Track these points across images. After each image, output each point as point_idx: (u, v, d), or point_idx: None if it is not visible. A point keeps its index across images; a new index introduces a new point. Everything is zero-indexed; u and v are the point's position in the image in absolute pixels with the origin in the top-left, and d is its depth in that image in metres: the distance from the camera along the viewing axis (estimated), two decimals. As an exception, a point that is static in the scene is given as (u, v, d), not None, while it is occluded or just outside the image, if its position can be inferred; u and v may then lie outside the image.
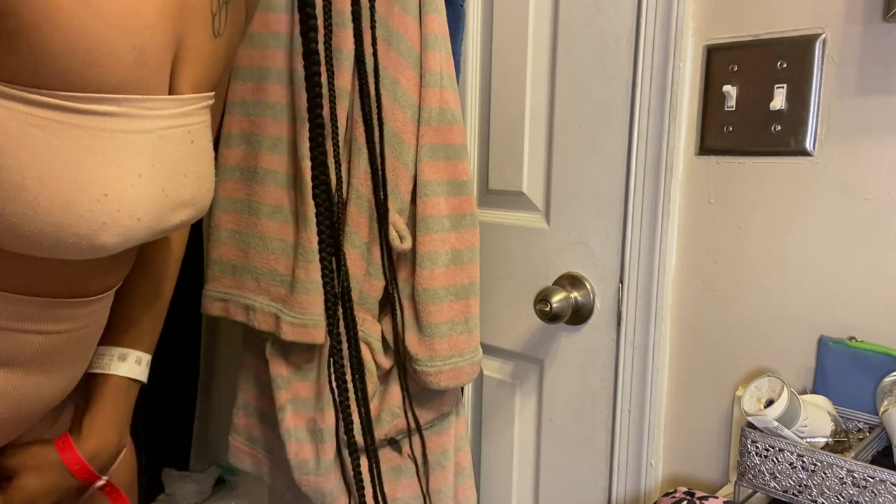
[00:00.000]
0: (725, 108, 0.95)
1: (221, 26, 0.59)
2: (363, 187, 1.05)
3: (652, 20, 0.99)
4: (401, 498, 1.12)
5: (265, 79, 1.06)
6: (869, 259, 0.86)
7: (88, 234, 0.48)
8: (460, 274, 1.04)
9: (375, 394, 1.11)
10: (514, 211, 1.22)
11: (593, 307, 1.11)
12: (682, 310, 1.03)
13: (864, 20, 0.84)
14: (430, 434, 1.12)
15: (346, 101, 1.04)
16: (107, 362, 0.71)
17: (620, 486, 1.10)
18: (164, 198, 0.53)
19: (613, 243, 1.08)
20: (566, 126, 1.12)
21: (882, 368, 0.84)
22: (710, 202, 0.99)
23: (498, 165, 1.22)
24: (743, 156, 0.95)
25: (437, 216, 1.02)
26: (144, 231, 0.52)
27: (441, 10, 1.01)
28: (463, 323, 1.04)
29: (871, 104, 0.84)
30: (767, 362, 0.95)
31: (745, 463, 0.82)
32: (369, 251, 1.06)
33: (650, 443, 1.06)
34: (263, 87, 1.06)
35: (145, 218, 0.51)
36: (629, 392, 1.07)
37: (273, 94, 1.05)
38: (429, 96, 1.01)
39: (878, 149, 0.84)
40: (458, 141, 1.03)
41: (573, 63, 1.10)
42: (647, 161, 1.02)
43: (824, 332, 0.90)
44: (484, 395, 1.31)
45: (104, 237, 0.49)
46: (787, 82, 0.90)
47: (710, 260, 0.99)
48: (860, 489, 0.74)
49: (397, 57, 1.00)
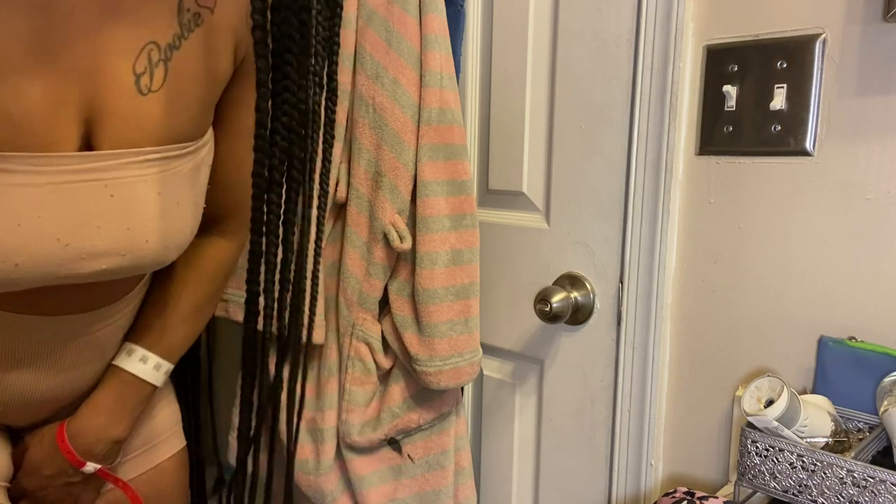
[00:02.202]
0: (725, 108, 0.95)
1: (152, 83, 0.60)
2: (363, 187, 1.05)
3: (652, 20, 0.99)
4: (401, 498, 1.12)
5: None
6: (869, 259, 0.86)
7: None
8: (460, 274, 1.04)
9: (375, 394, 1.11)
10: (514, 211, 1.22)
11: (593, 307, 1.11)
12: (682, 310, 1.03)
13: (864, 20, 0.84)
14: (430, 434, 1.12)
15: (345, 101, 1.04)
16: (118, 355, 0.75)
17: (620, 486, 1.10)
18: (61, 247, 0.57)
19: (613, 243, 1.08)
20: (566, 126, 1.12)
21: (882, 368, 0.84)
22: (710, 202, 0.99)
23: (498, 165, 1.22)
24: (743, 156, 0.95)
25: (437, 216, 1.02)
26: (30, 275, 0.57)
27: (441, 10, 1.01)
28: (463, 323, 1.04)
29: (871, 104, 0.84)
30: (767, 362, 0.95)
31: (745, 463, 0.82)
32: (369, 251, 1.06)
33: (650, 443, 1.06)
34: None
35: (25, 264, 0.56)
36: (629, 392, 1.07)
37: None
38: (429, 96, 1.01)
39: (878, 149, 0.84)
40: (458, 141, 1.03)
41: (573, 63, 1.10)
42: (647, 161, 1.02)
43: (824, 332, 0.90)
44: (484, 395, 1.31)
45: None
46: (787, 82, 0.90)
47: (710, 260, 0.99)
48: (860, 489, 0.74)
49: (397, 57, 1.00)
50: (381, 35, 1.01)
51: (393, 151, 1.01)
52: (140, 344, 0.76)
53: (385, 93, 1.01)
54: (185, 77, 0.63)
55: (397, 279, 1.06)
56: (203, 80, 0.65)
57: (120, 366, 0.75)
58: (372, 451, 1.12)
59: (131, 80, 0.59)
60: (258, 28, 0.48)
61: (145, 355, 0.75)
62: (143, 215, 0.61)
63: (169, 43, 0.61)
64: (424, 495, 1.12)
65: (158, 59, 0.60)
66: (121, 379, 0.75)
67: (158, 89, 0.61)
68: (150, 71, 0.60)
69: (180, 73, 0.62)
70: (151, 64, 0.60)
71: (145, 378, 0.75)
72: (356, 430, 1.08)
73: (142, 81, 0.59)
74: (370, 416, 1.09)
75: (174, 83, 0.62)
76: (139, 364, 0.75)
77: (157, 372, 0.76)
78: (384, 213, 1.03)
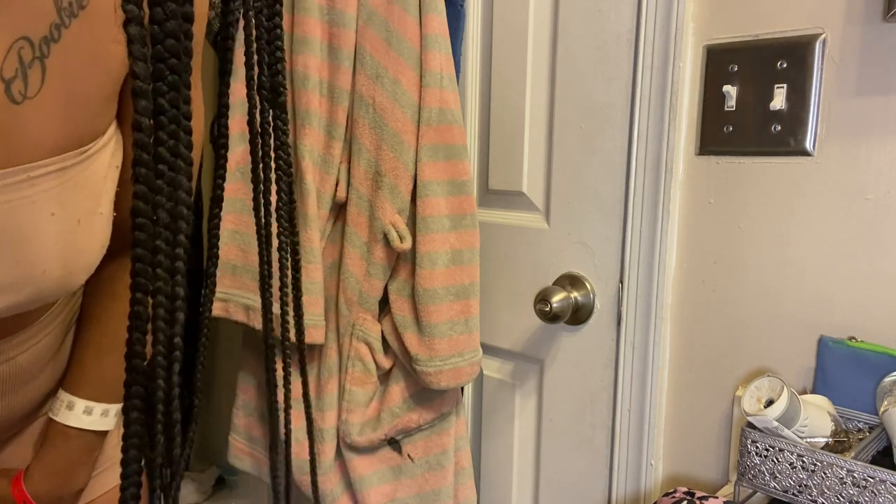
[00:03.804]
0: (725, 108, 0.95)
1: (27, 88, 0.51)
2: (363, 187, 1.05)
3: (652, 20, 0.99)
4: (401, 498, 1.12)
5: (265, 79, 1.06)
6: (869, 259, 0.86)
7: None
8: (460, 274, 1.04)
9: (375, 394, 1.11)
10: (514, 211, 1.22)
11: (593, 307, 1.11)
12: (682, 310, 1.03)
13: (864, 20, 0.84)
14: (430, 434, 1.12)
15: (346, 101, 1.04)
16: (57, 408, 0.69)
17: (620, 486, 1.10)
18: None
19: (613, 243, 1.08)
20: (566, 126, 1.12)
21: (882, 368, 0.84)
22: (710, 202, 0.99)
23: (498, 165, 1.22)
24: (743, 156, 0.95)
25: (437, 216, 1.02)
26: None
27: (441, 10, 1.01)
28: (463, 323, 1.04)
29: (871, 104, 0.84)
30: (767, 362, 0.95)
31: (745, 463, 0.82)
32: (369, 251, 1.06)
33: (650, 443, 1.06)
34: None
35: None
36: (629, 392, 1.07)
37: (273, 94, 1.05)
38: (429, 96, 1.01)
39: (878, 149, 0.84)
40: (457, 141, 1.03)
41: (573, 63, 1.10)
42: (647, 161, 1.02)
43: (824, 332, 0.90)
44: (484, 395, 1.31)
45: None
46: (787, 82, 0.90)
47: (711, 260, 0.99)
48: (860, 489, 0.74)
49: (397, 57, 1.00)
50: (381, 35, 1.01)
51: (393, 151, 1.01)
52: (79, 395, 0.69)
53: (385, 93, 1.01)
54: (71, 72, 0.53)
55: (397, 279, 1.06)
56: (95, 72, 0.55)
57: (63, 422, 0.69)
58: (372, 451, 1.12)
59: (0, 89, 0.49)
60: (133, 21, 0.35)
61: (88, 406, 0.69)
62: (34, 244, 0.52)
63: (45, 36, 0.50)
64: (424, 495, 1.12)
65: (32, 57, 0.50)
66: (67, 435, 0.69)
67: (36, 94, 0.51)
68: (22, 73, 0.50)
69: (64, 68, 0.52)
70: (24, 65, 0.50)
71: (93, 428, 0.70)
72: (356, 430, 1.08)
73: (14, 88, 0.49)
74: (370, 416, 1.09)
75: (57, 82, 0.52)
76: (84, 416, 0.69)
77: (105, 417, 0.70)
78: (384, 213, 1.03)
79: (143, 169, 0.36)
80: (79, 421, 0.69)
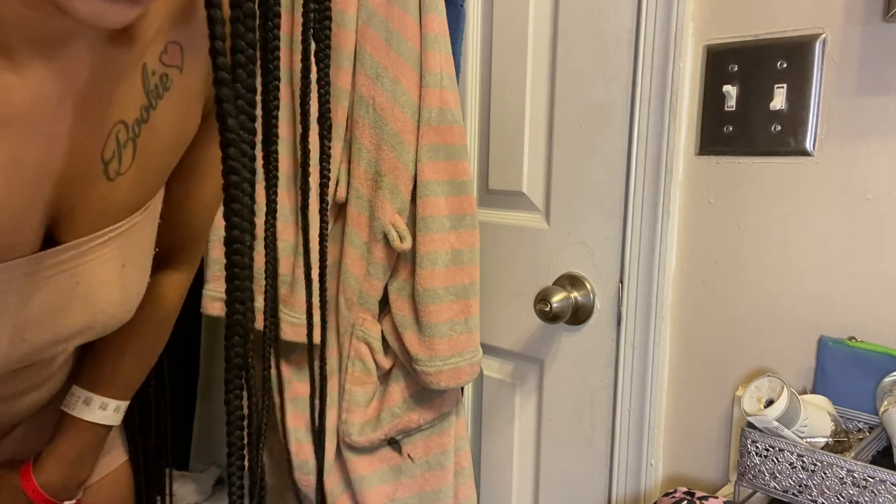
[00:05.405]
0: (725, 108, 0.95)
1: (121, 166, 0.54)
2: (363, 187, 1.05)
3: (652, 20, 0.99)
4: (401, 498, 1.12)
5: (265, 79, 1.06)
6: (869, 259, 0.86)
7: None
8: (460, 274, 1.04)
9: (375, 394, 1.11)
10: (514, 211, 1.22)
11: (593, 307, 1.11)
12: (682, 310, 1.03)
13: (864, 20, 0.84)
14: (430, 434, 1.12)
15: (346, 101, 1.04)
16: (73, 403, 0.73)
17: (620, 486, 1.10)
18: (21, 340, 0.55)
19: (613, 243, 1.08)
20: (566, 126, 1.12)
21: (882, 368, 0.84)
22: (710, 202, 0.99)
23: (498, 165, 1.22)
24: (743, 156, 0.95)
25: (437, 216, 1.02)
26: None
27: (441, 10, 1.01)
28: (463, 323, 1.04)
29: (871, 104, 0.84)
30: (767, 362, 0.95)
31: (745, 463, 0.82)
32: (369, 251, 1.06)
33: (650, 443, 1.06)
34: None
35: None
36: (629, 392, 1.07)
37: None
38: (429, 96, 1.01)
39: (878, 149, 0.84)
40: (458, 141, 1.03)
41: (573, 63, 1.10)
42: (647, 161, 1.02)
43: (824, 332, 0.90)
44: (484, 395, 1.31)
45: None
46: (787, 82, 0.90)
47: (711, 260, 0.99)
48: (860, 489, 0.74)
49: (397, 57, 1.00)
50: (381, 35, 1.01)
51: (393, 151, 1.01)
52: (97, 391, 0.74)
53: (385, 93, 1.01)
54: (155, 149, 0.57)
55: (397, 279, 1.06)
56: (173, 147, 0.59)
57: (79, 416, 0.73)
58: (372, 451, 1.12)
59: (100, 170, 0.53)
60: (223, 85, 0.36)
61: (104, 402, 0.74)
62: (107, 293, 0.58)
63: (137, 118, 0.54)
64: (424, 495, 1.12)
65: (127, 138, 0.54)
66: (82, 429, 0.73)
67: (127, 171, 0.55)
68: (118, 154, 0.53)
69: (149, 146, 0.56)
70: (120, 146, 0.53)
71: (105, 423, 0.75)
72: (356, 430, 1.08)
73: (110, 168, 0.53)
74: (370, 416, 1.09)
75: (143, 158, 0.56)
76: (99, 412, 0.74)
77: (116, 413, 0.75)
78: (384, 213, 1.03)
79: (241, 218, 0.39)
80: (94, 416, 0.73)
